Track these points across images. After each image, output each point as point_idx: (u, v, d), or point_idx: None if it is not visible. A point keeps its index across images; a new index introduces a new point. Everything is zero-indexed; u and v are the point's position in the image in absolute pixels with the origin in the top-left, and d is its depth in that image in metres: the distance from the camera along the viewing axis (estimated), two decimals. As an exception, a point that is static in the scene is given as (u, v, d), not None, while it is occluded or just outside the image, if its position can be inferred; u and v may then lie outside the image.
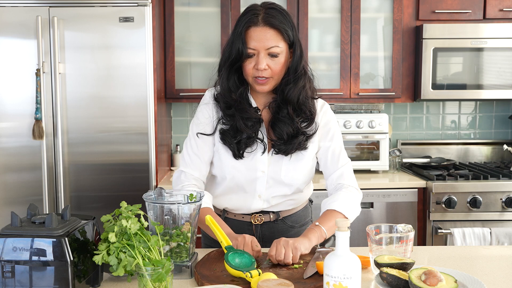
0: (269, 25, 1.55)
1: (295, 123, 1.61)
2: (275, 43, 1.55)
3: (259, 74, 1.57)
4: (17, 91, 2.72)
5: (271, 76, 1.58)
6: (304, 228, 1.79)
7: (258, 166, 1.64)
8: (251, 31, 1.55)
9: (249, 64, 1.57)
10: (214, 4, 3.18)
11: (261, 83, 1.59)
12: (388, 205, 2.98)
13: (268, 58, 1.56)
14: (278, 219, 1.74)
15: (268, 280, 1.18)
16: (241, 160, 1.64)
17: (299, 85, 1.61)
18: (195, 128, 1.69)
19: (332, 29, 3.22)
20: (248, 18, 1.56)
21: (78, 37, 2.71)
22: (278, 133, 1.62)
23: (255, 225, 1.73)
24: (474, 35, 3.13)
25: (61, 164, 2.72)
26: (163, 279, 1.20)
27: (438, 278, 1.19)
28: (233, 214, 1.75)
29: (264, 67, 1.55)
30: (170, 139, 3.53)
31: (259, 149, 1.64)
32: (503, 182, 2.93)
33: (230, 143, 1.62)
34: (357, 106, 3.39)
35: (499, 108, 3.64)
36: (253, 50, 1.56)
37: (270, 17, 1.55)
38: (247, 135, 1.61)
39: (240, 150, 1.62)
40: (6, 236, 1.21)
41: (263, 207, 1.71)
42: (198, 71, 3.23)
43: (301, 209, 1.81)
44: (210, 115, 1.68)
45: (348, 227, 1.14)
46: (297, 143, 1.62)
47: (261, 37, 1.54)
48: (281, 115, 1.62)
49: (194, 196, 1.43)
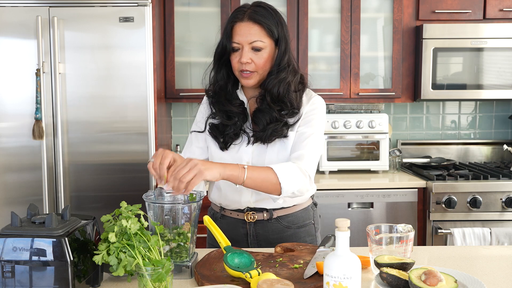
0: (253, 21, 1.63)
1: (273, 113, 1.65)
2: (258, 38, 1.63)
3: (243, 67, 1.64)
4: (17, 91, 2.72)
5: (255, 70, 1.65)
6: (302, 230, 1.78)
7: (243, 157, 1.70)
8: (237, 27, 1.64)
9: (235, 58, 1.66)
10: (214, 4, 3.18)
11: (246, 76, 1.66)
12: (388, 205, 2.98)
13: (252, 53, 1.63)
14: (272, 217, 1.74)
15: (268, 280, 1.18)
16: (227, 151, 1.71)
17: (280, 77, 1.66)
18: (193, 127, 1.82)
19: (332, 29, 3.22)
20: (235, 14, 1.65)
21: (78, 37, 2.72)
22: (258, 123, 1.67)
23: (249, 223, 1.75)
24: (474, 35, 3.13)
25: (61, 164, 2.72)
26: (163, 279, 1.20)
27: (438, 278, 1.19)
28: (229, 212, 1.78)
29: (246, 61, 1.62)
30: (170, 139, 3.53)
31: (244, 141, 1.71)
32: (503, 182, 2.93)
33: (217, 136, 1.71)
34: (357, 106, 3.39)
35: (499, 108, 3.64)
36: (237, 44, 1.64)
37: (255, 13, 1.63)
38: (233, 129, 1.69)
39: (227, 142, 1.70)
40: (6, 236, 1.21)
41: (252, 200, 1.72)
42: (198, 71, 3.24)
43: (300, 210, 1.78)
44: (203, 113, 1.80)
45: (348, 227, 1.14)
46: (272, 129, 1.64)
47: (245, 32, 1.62)
48: (262, 106, 1.68)
49: (194, 196, 1.43)
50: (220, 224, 1.74)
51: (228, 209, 1.78)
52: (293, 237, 1.76)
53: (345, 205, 2.97)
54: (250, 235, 1.75)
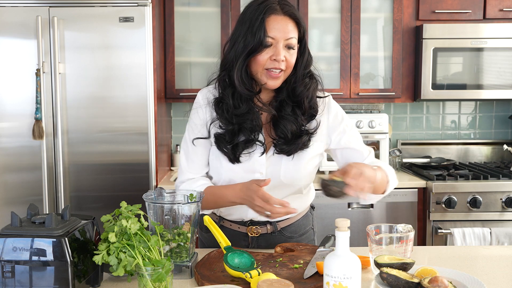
0: (289, 15, 1.50)
1: (299, 121, 1.55)
2: (294, 35, 1.50)
3: (275, 65, 1.48)
4: (17, 91, 2.72)
5: (285, 69, 1.51)
6: (304, 237, 1.73)
7: (256, 168, 1.57)
8: (272, 19, 1.47)
9: (266, 54, 1.48)
10: (214, 4, 3.18)
11: (275, 76, 1.50)
12: (388, 205, 2.98)
13: (285, 50, 1.49)
14: (276, 230, 1.66)
15: (268, 280, 1.18)
16: (238, 163, 1.56)
17: (311, 84, 1.56)
18: (191, 133, 1.62)
19: (332, 29, 3.22)
20: (268, 6, 1.48)
21: (78, 37, 2.72)
22: (281, 132, 1.54)
23: (251, 237, 1.67)
24: (474, 35, 3.13)
25: (61, 164, 2.72)
26: (163, 279, 1.20)
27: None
28: (229, 223, 1.68)
29: (282, 58, 1.48)
30: (170, 139, 3.53)
31: (258, 150, 1.56)
32: (503, 182, 2.93)
33: (224, 148, 1.55)
34: (357, 106, 3.39)
35: (499, 108, 3.64)
36: (272, 39, 1.47)
37: (290, 7, 1.50)
38: (245, 138, 1.53)
39: (237, 153, 1.54)
40: (6, 236, 1.21)
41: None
42: (198, 71, 3.23)
43: (301, 218, 1.73)
44: (204, 118, 1.60)
45: (348, 227, 1.14)
46: (301, 143, 1.55)
47: (282, 27, 1.48)
48: (284, 112, 1.54)
49: (194, 196, 1.43)
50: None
51: (228, 219, 1.68)
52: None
53: (345, 205, 2.97)
54: (251, 247, 1.68)
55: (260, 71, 1.51)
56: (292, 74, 1.55)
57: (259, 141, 1.55)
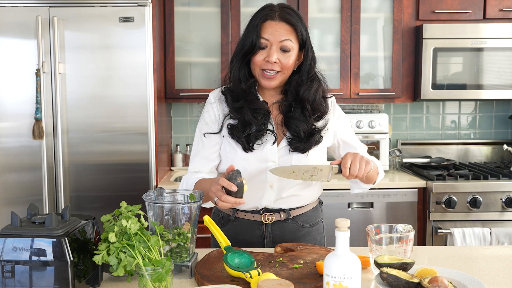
0: (285, 21, 1.61)
1: (310, 121, 1.67)
2: (288, 37, 1.60)
3: (268, 66, 1.60)
4: (17, 91, 2.72)
5: (280, 70, 1.62)
6: (315, 228, 1.80)
7: (269, 157, 1.66)
8: (267, 24, 1.61)
9: (260, 56, 1.61)
10: (214, 4, 3.17)
11: (269, 77, 1.62)
12: (388, 205, 2.98)
13: (280, 53, 1.61)
14: (289, 218, 1.73)
15: (268, 280, 1.18)
16: (251, 152, 1.66)
17: (314, 86, 1.68)
18: (201, 128, 1.74)
19: (332, 29, 3.22)
20: (266, 12, 1.62)
21: (78, 37, 2.72)
22: (293, 130, 1.66)
23: (266, 225, 1.72)
24: (474, 35, 3.13)
25: (61, 164, 2.72)
26: (163, 279, 1.20)
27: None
28: (244, 214, 1.73)
29: (274, 60, 1.59)
30: (170, 139, 3.53)
31: (269, 140, 1.67)
32: (503, 182, 2.93)
33: (239, 137, 1.65)
34: (357, 106, 3.39)
35: (499, 108, 3.64)
36: (266, 41, 1.60)
37: (287, 14, 1.62)
38: (256, 128, 1.64)
39: (250, 142, 1.64)
40: (6, 236, 1.21)
41: (273, 199, 1.70)
42: (198, 71, 3.23)
43: (311, 209, 1.80)
44: (216, 114, 1.71)
45: (348, 227, 1.14)
46: (314, 141, 1.68)
47: (276, 30, 1.60)
48: (293, 114, 1.67)
49: (194, 196, 1.43)
50: (233, 227, 1.73)
51: (242, 210, 1.74)
52: (306, 236, 1.77)
53: (345, 205, 2.97)
54: (266, 237, 1.73)
55: (257, 72, 1.64)
56: (296, 77, 1.68)
57: (269, 130, 1.66)
